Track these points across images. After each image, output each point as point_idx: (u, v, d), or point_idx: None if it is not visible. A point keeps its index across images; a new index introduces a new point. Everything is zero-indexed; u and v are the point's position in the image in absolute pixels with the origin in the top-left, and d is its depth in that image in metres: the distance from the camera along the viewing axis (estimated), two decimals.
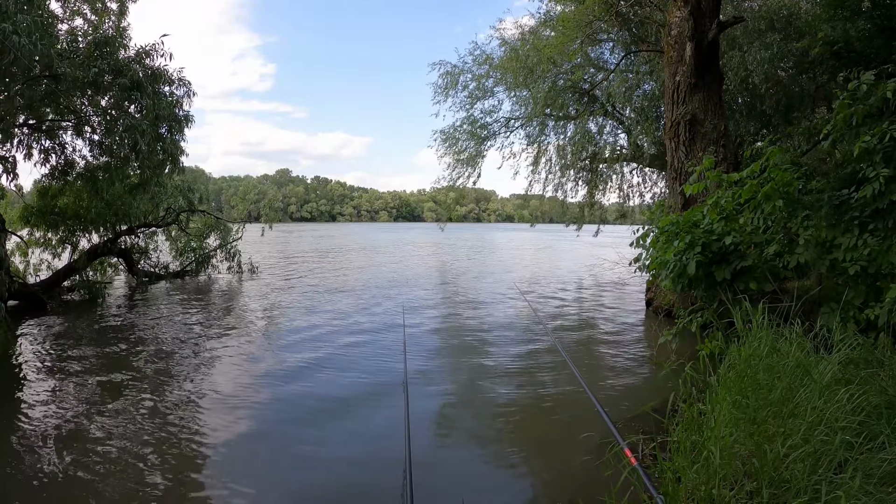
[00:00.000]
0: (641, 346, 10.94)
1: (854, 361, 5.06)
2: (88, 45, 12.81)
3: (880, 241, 6.52)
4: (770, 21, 14.73)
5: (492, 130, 22.46)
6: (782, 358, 4.95)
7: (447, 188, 24.82)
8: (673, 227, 8.15)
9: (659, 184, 21.87)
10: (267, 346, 10.57)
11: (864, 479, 3.33)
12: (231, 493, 5.04)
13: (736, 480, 3.77)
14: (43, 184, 15.64)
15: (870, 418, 4.05)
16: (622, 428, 5.89)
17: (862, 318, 6.34)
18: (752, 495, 3.64)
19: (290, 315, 13.81)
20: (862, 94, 7.02)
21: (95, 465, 5.47)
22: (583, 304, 16.54)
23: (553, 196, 23.22)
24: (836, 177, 7.83)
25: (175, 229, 20.74)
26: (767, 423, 4.09)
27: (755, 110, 15.48)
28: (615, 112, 20.22)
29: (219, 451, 5.93)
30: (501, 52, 20.92)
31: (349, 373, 8.89)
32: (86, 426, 6.49)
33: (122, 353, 9.87)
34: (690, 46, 11.59)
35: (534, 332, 12.07)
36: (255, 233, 25.40)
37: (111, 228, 17.13)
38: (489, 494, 5.14)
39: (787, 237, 7.49)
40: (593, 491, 4.67)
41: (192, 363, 9.28)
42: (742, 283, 7.35)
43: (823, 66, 11.37)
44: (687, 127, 11.81)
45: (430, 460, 5.71)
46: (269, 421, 6.89)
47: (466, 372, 9.28)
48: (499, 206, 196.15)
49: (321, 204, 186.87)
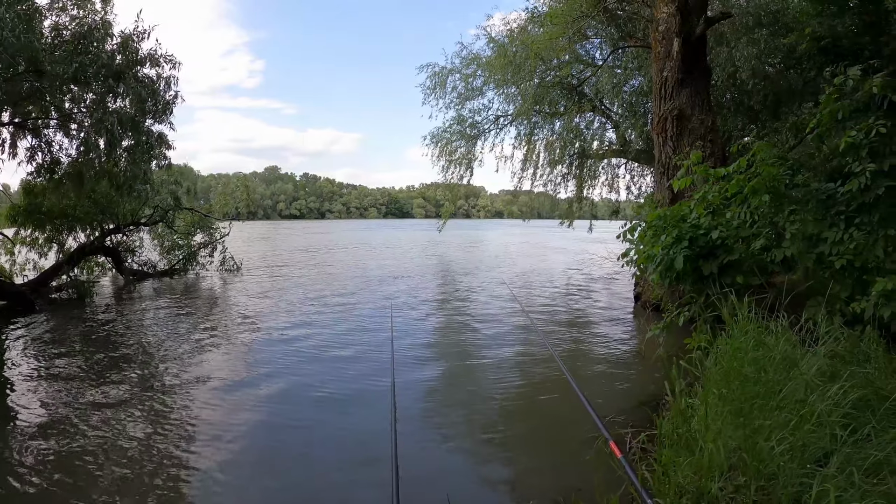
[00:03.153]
0: (630, 341, 10.96)
1: (840, 354, 5.08)
2: (73, 35, 12.63)
3: (866, 235, 6.54)
4: (758, 17, 14.75)
5: (482, 129, 22.51)
6: (769, 351, 4.96)
7: (444, 186, 24.89)
8: (660, 222, 8.16)
9: (647, 178, 21.96)
10: (254, 344, 10.53)
11: (851, 471, 3.33)
12: (216, 491, 5.00)
13: (723, 473, 3.77)
14: (29, 182, 15.51)
15: (856, 410, 4.06)
16: (610, 422, 5.90)
17: (848, 312, 6.35)
18: (737, 488, 3.64)
19: (276, 312, 13.74)
20: (849, 89, 7.04)
21: (80, 465, 5.43)
22: (571, 299, 16.55)
23: (543, 192, 23.30)
24: (823, 171, 7.86)
25: (162, 227, 20.61)
26: (754, 415, 4.09)
27: (743, 105, 15.51)
28: (603, 107, 20.30)
29: (204, 451, 5.88)
30: (489, 49, 20.97)
31: (336, 368, 8.88)
32: (71, 425, 6.44)
33: (110, 352, 9.78)
34: (678, 42, 11.61)
35: (521, 327, 12.06)
36: (242, 230, 25.29)
37: (98, 226, 17.01)
38: (475, 490, 5.13)
39: (774, 231, 7.50)
40: (580, 485, 4.66)
41: (178, 363, 9.17)
42: (729, 277, 7.37)
43: (811, 62, 11.39)
44: (674, 122, 11.84)
45: (417, 456, 5.68)
46: (257, 419, 6.84)
47: (453, 367, 9.27)
48: (488, 203, 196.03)
49: (310, 201, 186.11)
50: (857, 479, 3.26)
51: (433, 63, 22.59)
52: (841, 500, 3.12)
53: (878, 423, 3.86)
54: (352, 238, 56.35)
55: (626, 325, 12.55)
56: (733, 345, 5.31)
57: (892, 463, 3.43)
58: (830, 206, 7.02)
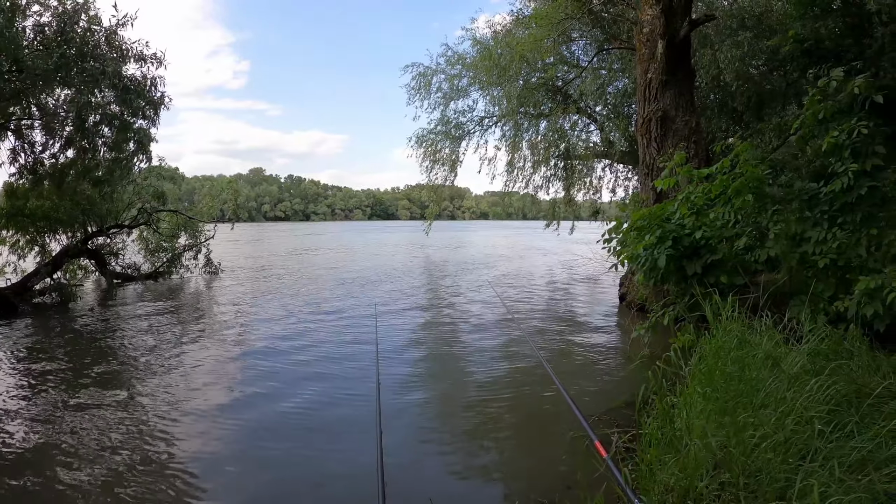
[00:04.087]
0: (615, 341, 10.98)
1: (823, 352, 5.11)
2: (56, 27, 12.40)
3: (849, 235, 6.61)
4: (741, 19, 14.85)
5: (466, 130, 22.54)
6: (752, 350, 4.99)
7: (429, 187, 24.88)
8: (644, 222, 8.19)
9: (631, 179, 22.02)
10: (239, 347, 10.43)
11: (835, 467, 3.35)
12: (200, 495, 4.96)
13: (707, 471, 3.78)
14: (11, 184, 15.29)
15: (839, 407, 4.08)
16: (595, 422, 5.90)
17: (832, 310, 6.41)
18: (724, 485, 3.65)
19: (261, 315, 13.64)
20: (831, 90, 7.11)
21: (56, 470, 5.37)
22: (556, 300, 16.57)
23: (527, 192, 23.33)
24: (806, 172, 7.92)
25: (146, 229, 20.40)
26: (738, 413, 4.11)
27: (726, 107, 15.60)
28: (588, 109, 20.34)
29: (186, 453, 5.82)
30: (474, 51, 20.99)
31: (320, 370, 8.82)
32: (53, 429, 6.37)
33: (93, 358, 9.66)
34: (662, 44, 11.66)
35: (506, 328, 12.05)
36: (227, 233, 25.14)
37: (81, 228, 16.84)
38: (460, 491, 5.11)
39: (758, 231, 7.55)
40: (566, 485, 4.66)
41: (162, 367, 9.05)
42: (713, 276, 7.42)
43: (794, 64, 11.43)
44: (658, 123, 11.89)
45: (402, 459, 5.64)
46: (239, 423, 6.78)
47: (438, 368, 9.26)
48: (473, 204, 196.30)
49: (295, 203, 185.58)
50: (839, 474, 3.28)
51: (418, 63, 22.63)
52: (825, 494, 3.13)
53: (861, 420, 3.89)
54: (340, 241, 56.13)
55: (611, 326, 12.56)
56: (717, 344, 5.33)
57: (875, 458, 3.45)
58: (814, 206, 7.08)
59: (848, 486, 3.20)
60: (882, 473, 3.29)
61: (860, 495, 3.12)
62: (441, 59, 22.17)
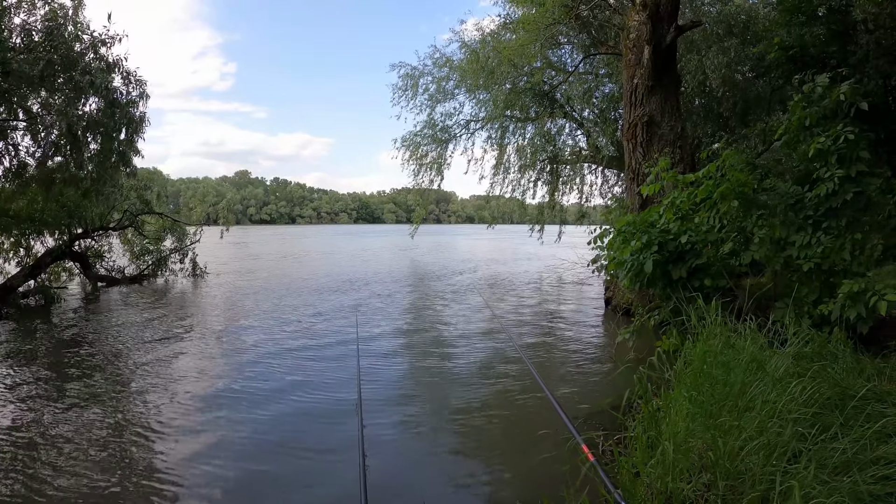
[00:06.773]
0: (600, 345, 10.97)
1: (807, 355, 5.14)
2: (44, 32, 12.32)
3: (833, 239, 6.68)
4: (728, 26, 14.99)
5: (452, 133, 22.49)
6: (737, 353, 5.01)
7: (415, 191, 24.84)
8: (630, 228, 8.22)
9: (618, 184, 22.07)
10: (223, 352, 10.35)
11: (818, 469, 3.37)
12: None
13: (692, 473, 3.78)
14: None
15: (823, 409, 4.11)
16: (581, 425, 5.91)
17: (816, 314, 6.45)
18: (708, 487, 3.66)
19: (245, 320, 13.55)
20: (816, 96, 7.19)
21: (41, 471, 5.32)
22: (542, 304, 16.55)
23: (513, 197, 23.29)
24: (791, 176, 7.98)
25: (132, 232, 20.29)
26: (722, 416, 4.12)
27: (712, 112, 15.72)
28: (574, 113, 20.38)
29: (168, 456, 5.78)
30: (462, 54, 20.94)
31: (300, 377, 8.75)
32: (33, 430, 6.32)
33: (76, 360, 9.58)
34: (648, 50, 11.72)
35: (492, 332, 12.03)
36: (213, 236, 25.00)
37: (66, 231, 16.69)
38: (447, 495, 5.09)
39: (743, 236, 7.60)
40: (552, 488, 4.64)
41: (145, 371, 8.95)
42: (698, 280, 7.45)
43: (779, 70, 11.54)
44: (644, 128, 11.94)
45: (385, 461, 5.63)
46: (224, 427, 6.75)
47: (422, 372, 9.22)
48: (459, 208, 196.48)
49: (280, 206, 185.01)
50: (822, 476, 3.31)
51: (405, 63, 22.47)
52: (808, 496, 3.14)
53: (845, 422, 3.91)
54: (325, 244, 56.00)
55: (596, 329, 12.57)
56: (702, 347, 5.35)
57: (859, 460, 3.47)
58: (799, 211, 7.13)
59: (832, 487, 3.21)
60: (866, 475, 3.31)
61: (844, 497, 3.13)
62: (428, 60, 22.08)
